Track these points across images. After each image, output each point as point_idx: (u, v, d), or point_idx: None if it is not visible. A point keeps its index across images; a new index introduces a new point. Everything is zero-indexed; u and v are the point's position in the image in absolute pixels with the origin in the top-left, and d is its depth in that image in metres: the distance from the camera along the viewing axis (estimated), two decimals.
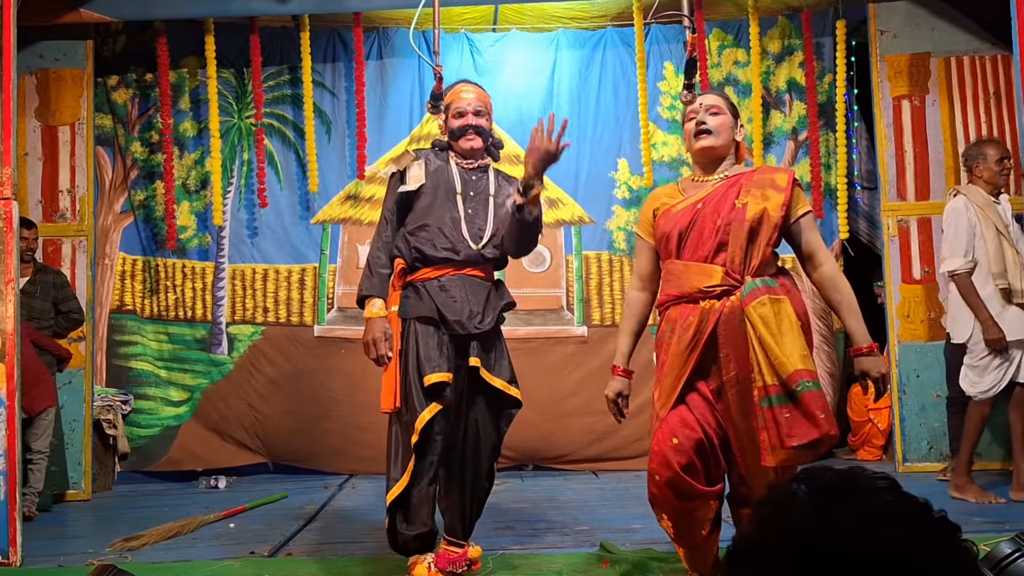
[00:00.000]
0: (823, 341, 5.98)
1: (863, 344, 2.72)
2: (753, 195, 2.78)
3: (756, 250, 2.75)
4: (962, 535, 0.86)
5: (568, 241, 6.19)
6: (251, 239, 6.16)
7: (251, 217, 6.16)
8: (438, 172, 3.32)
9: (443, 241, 3.23)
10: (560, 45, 6.26)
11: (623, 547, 3.63)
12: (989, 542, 1.97)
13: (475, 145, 3.34)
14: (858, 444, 6.26)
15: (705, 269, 2.78)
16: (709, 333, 2.73)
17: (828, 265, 2.82)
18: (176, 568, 3.59)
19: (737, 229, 2.76)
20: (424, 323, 3.18)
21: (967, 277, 4.50)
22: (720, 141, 2.88)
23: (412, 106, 6.20)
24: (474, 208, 3.31)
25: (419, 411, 3.10)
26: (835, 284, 2.80)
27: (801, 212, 2.82)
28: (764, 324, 2.63)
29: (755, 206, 2.76)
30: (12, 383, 3.77)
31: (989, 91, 5.67)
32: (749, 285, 2.71)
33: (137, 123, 6.14)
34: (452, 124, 3.35)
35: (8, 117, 3.81)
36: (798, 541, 0.83)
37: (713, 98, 2.94)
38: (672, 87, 6.11)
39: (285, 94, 6.21)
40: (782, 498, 0.88)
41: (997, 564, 1.78)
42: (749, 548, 0.88)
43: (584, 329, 6.13)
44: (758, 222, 2.75)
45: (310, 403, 5.99)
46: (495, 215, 3.33)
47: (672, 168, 6.11)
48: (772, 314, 2.65)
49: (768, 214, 2.75)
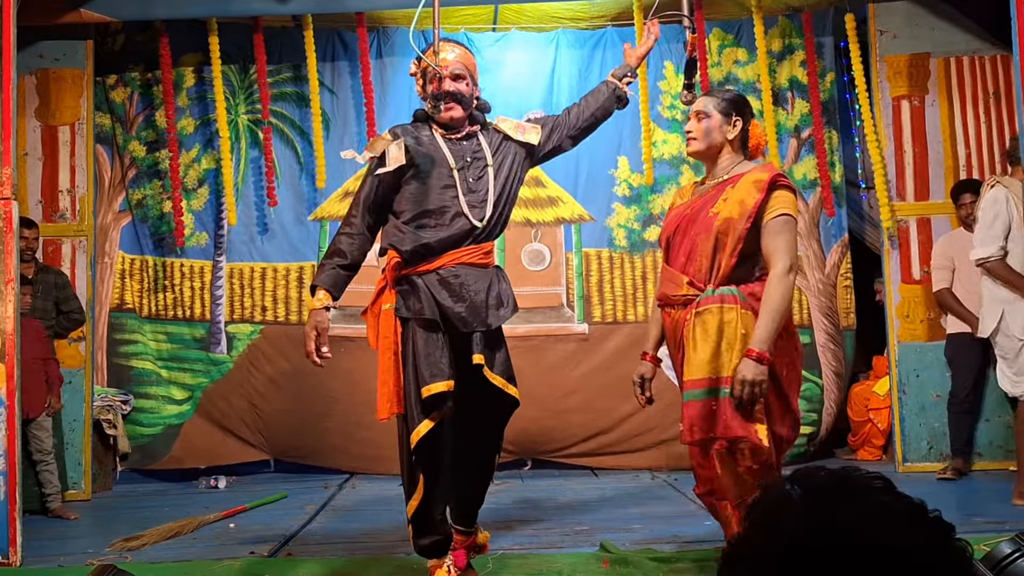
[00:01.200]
0: (829, 340, 5.98)
1: (753, 347, 2.67)
2: (729, 203, 2.81)
3: (722, 260, 2.81)
4: (956, 535, 0.86)
5: (568, 239, 6.18)
6: (248, 238, 6.14)
7: (249, 215, 6.15)
8: (424, 149, 3.08)
9: (446, 227, 3.02)
10: (560, 45, 6.26)
11: (623, 547, 3.63)
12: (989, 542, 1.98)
13: (455, 115, 3.09)
14: (858, 444, 6.26)
15: (675, 278, 2.90)
16: (679, 339, 2.86)
17: (774, 271, 2.75)
18: (176, 568, 3.59)
19: (704, 239, 2.83)
20: (424, 325, 2.99)
21: (999, 262, 4.40)
22: (703, 145, 2.95)
23: (411, 104, 6.18)
24: (472, 177, 3.09)
25: (416, 423, 2.97)
26: (768, 289, 2.74)
27: (775, 214, 2.79)
28: (702, 330, 2.74)
29: (724, 215, 2.81)
30: (12, 383, 3.77)
31: (989, 91, 5.66)
32: (706, 294, 2.80)
33: (135, 122, 6.14)
34: (428, 89, 3.09)
35: (8, 117, 3.81)
36: (792, 542, 0.83)
37: (703, 102, 2.99)
38: (672, 86, 6.11)
39: (283, 92, 6.19)
40: (776, 499, 0.88)
41: (997, 564, 1.78)
42: (743, 550, 0.88)
43: (585, 326, 6.12)
44: (724, 233, 2.80)
45: (310, 401, 5.98)
46: (495, 181, 3.11)
47: (672, 166, 6.11)
48: (714, 323, 2.73)
49: (733, 225, 2.79)
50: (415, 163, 3.07)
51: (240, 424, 6.05)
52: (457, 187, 3.06)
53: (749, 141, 2.98)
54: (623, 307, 6.11)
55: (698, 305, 2.79)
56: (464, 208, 3.04)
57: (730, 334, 2.71)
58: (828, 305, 5.99)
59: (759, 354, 2.65)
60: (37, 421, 4.91)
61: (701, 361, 2.71)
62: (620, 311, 6.10)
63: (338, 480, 5.79)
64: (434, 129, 3.15)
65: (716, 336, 2.71)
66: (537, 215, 6.14)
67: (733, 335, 2.71)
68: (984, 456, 5.43)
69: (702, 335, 2.73)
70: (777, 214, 2.79)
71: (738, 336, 2.70)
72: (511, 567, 3.43)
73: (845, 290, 6.04)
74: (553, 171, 6.17)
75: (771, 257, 2.78)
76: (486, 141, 3.19)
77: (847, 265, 6.04)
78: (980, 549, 2.33)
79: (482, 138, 3.20)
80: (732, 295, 2.76)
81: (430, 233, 3.03)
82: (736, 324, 2.71)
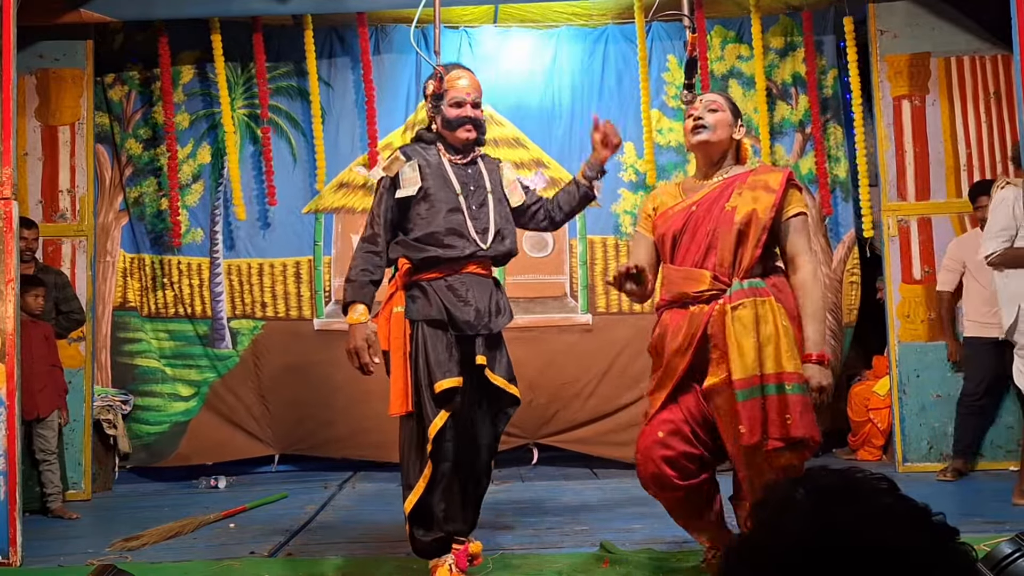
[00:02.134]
0: (830, 336, 5.97)
1: (812, 351, 2.72)
2: (744, 197, 2.80)
3: (745, 252, 2.78)
4: (960, 537, 0.86)
5: (572, 225, 6.00)
6: (244, 233, 6.11)
7: (245, 210, 6.12)
8: (432, 172, 3.25)
9: (454, 247, 3.19)
10: (561, 40, 6.25)
11: (623, 547, 3.63)
12: (989, 542, 1.97)
13: (471, 137, 3.29)
14: (858, 444, 6.25)
15: (694, 274, 2.83)
16: (700, 337, 2.77)
17: (805, 271, 2.81)
18: (176, 568, 3.59)
19: (725, 233, 2.79)
20: (433, 326, 3.15)
21: (1005, 252, 4.37)
22: (716, 137, 2.90)
23: (408, 102, 6.19)
24: (475, 204, 3.27)
25: (431, 418, 3.08)
26: (806, 290, 2.79)
27: (792, 213, 2.83)
28: (742, 326, 2.68)
29: (744, 208, 2.78)
30: (12, 383, 3.76)
31: (989, 91, 5.66)
32: (735, 287, 2.75)
33: (132, 119, 6.13)
34: (448, 113, 3.26)
35: (8, 117, 3.81)
36: (796, 543, 0.83)
37: (713, 96, 2.98)
38: (676, 78, 6.07)
39: (280, 87, 6.16)
40: (780, 500, 0.88)
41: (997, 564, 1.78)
42: (748, 550, 0.88)
43: (588, 317, 6.03)
44: (746, 224, 2.78)
45: (314, 396, 5.97)
46: (496, 210, 3.31)
47: (679, 152, 6.05)
48: (751, 317, 2.68)
49: (757, 216, 2.77)
50: (426, 184, 3.23)
51: (248, 418, 6.03)
52: (464, 212, 3.23)
53: (741, 147, 3.01)
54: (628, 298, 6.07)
55: (731, 299, 2.73)
56: (471, 231, 3.23)
57: (767, 329, 2.68)
58: (833, 300, 5.98)
59: (820, 356, 2.70)
60: (45, 421, 4.91)
61: (748, 359, 2.65)
62: (625, 301, 5.95)
63: (338, 480, 5.79)
64: (441, 152, 3.31)
65: (754, 331, 2.68)
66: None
67: (771, 329, 2.67)
68: (985, 456, 5.43)
69: (743, 332, 2.68)
70: (795, 212, 2.83)
71: (780, 329, 2.67)
72: (511, 567, 3.43)
73: (851, 286, 6.02)
74: (559, 156, 6.14)
75: (797, 257, 2.82)
76: (485, 169, 3.37)
77: (854, 260, 6.02)
78: (980, 549, 2.33)
79: (481, 165, 3.38)
80: (763, 288, 2.74)
81: (440, 251, 3.19)
82: (773, 318, 2.69)
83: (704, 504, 2.87)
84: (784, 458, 2.65)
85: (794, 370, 2.65)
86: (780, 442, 2.61)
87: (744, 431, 2.64)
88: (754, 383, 2.64)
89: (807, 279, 2.79)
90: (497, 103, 6.08)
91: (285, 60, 6.18)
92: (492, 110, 6.02)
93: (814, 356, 2.70)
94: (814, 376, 2.67)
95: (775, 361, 2.65)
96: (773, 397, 2.63)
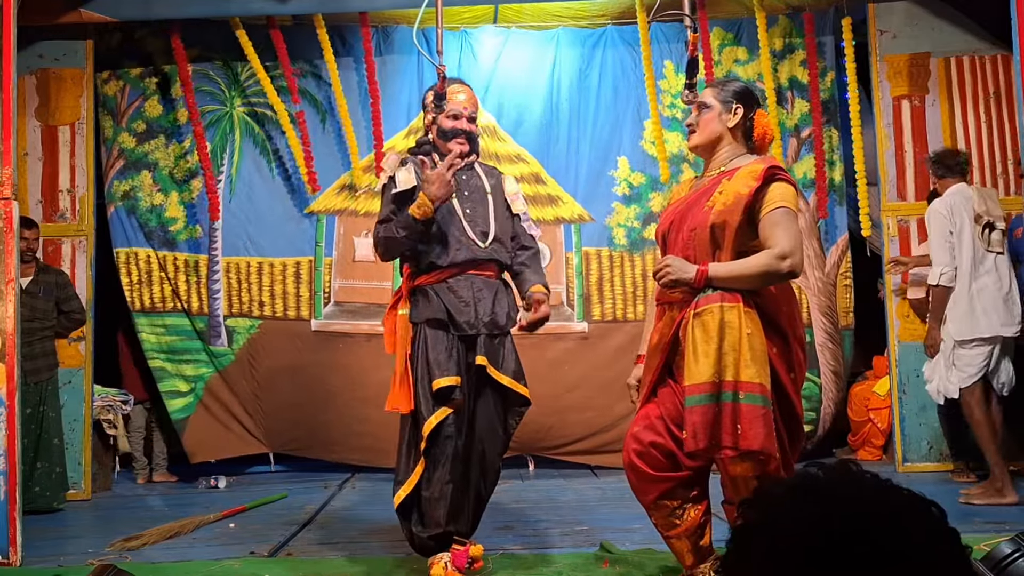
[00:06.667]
0: (828, 339, 5.97)
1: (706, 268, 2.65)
2: (725, 195, 2.69)
3: (721, 255, 2.68)
4: (958, 536, 0.86)
5: (568, 238, 6.18)
6: (243, 232, 6.09)
7: (243, 209, 6.11)
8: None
9: (452, 249, 3.26)
10: (560, 43, 6.26)
11: (623, 547, 3.63)
12: (989, 542, 1.98)
13: (463, 149, 3.37)
14: (858, 444, 6.26)
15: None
16: (670, 340, 2.73)
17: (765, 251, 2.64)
18: (176, 568, 3.59)
19: (701, 234, 2.71)
20: (434, 326, 3.23)
21: (935, 292, 4.57)
22: (703, 138, 2.86)
23: (410, 102, 6.18)
24: (472, 207, 3.35)
25: (427, 417, 3.16)
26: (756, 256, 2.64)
27: (771, 207, 2.65)
28: (702, 332, 2.60)
29: (720, 207, 2.68)
30: (12, 383, 3.77)
31: (989, 91, 5.66)
32: (705, 292, 2.64)
33: (126, 114, 6.08)
34: (444, 124, 3.38)
35: (8, 117, 3.81)
36: (793, 540, 0.83)
37: (704, 93, 2.91)
38: (672, 86, 6.11)
39: (282, 86, 6.14)
40: (777, 497, 0.88)
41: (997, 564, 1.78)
42: (746, 549, 0.88)
43: (584, 325, 6.12)
44: (721, 226, 2.67)
45: (310, 396, 5.97)
46: (495, 213, 3.38)
47: (672, 163, 6.09)
48: (715, 323, 2.59)
49: (729, 219, 2.65)
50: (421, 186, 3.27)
51: (243, 414, 6.03)
52: (461, 216, 3.31)
53: (754, 131, 2.83)
54: (623, 306, 6.12)
55: (697, 305, 2.63)
56: (469, 234, 3.31)
57: (732, 336, 2.56)
58: (827, 304, 5.98)
59: (703, 271, 2.62)
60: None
61: (703, 365, 2.57)
62: (620, 310, 6.11)
63: (338, 480, 5.79)
64: (436, 161, 3.37)
65: (717, 338, 2.57)
66: (537, 213, 6.13)
67: (736, 336, 2.56)
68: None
69: (702, 337, 2.59)
70: (775, 206, 2.64)
71: (743, 336, 2.56)
72: (511, 567, 3.43)
73: (845, 289, 6.03)
74: (554, 171, 6.19)
75: (767, 243, 2.63)
76: (484, 175, 3.46)
77: (847, 264, 6.03)
78: (980, 549, 2.33)
79: (479, 171, 3.47)
80: (733, 293, 2.61)
81: (438, 255, 3.28)
82: (739, 324, 2.57)
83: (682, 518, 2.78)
84: (739, 468, 2.58)
85: (750, 379, 2.55)
86: (732, 451, 2.54)
87: (687, 437, 2.59)
88: (705, 390, 2.56)
89: (760, 253, 2.62)
90: (498, 117, 6.16)
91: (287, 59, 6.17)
92: (494, 121, 6.08)
93: (706, 271, 2.64)
94: (675, 265, 2.65)
95: (735, 369, 2.56)
96: (728, 405, 2.55)
